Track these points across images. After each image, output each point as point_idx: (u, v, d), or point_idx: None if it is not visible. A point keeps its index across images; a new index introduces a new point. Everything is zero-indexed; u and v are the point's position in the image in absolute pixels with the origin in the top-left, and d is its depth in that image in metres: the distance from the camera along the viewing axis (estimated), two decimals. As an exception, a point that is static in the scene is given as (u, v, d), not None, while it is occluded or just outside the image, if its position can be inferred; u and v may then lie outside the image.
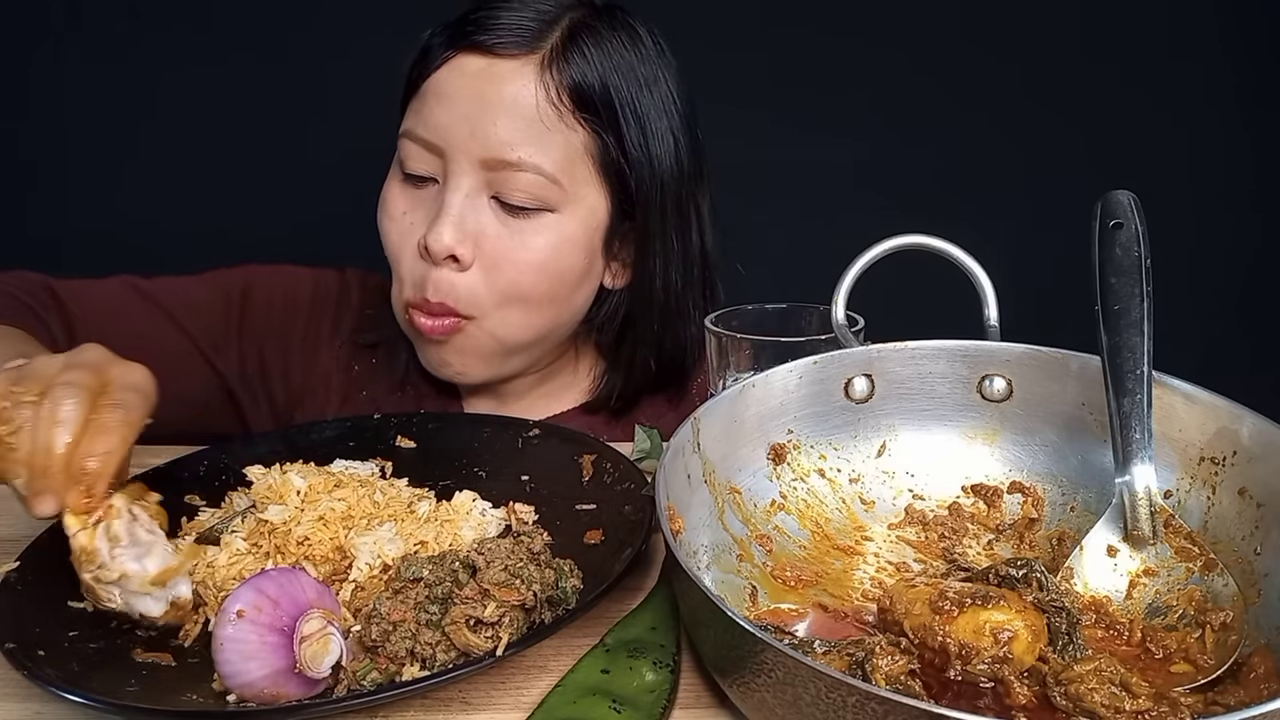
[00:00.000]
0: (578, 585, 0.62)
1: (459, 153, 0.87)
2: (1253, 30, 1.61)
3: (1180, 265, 1.17)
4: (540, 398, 1.04)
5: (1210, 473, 0.63)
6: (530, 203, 0.88)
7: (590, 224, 0.91)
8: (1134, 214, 0.65)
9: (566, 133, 0.88)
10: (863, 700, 0.43)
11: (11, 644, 0.56)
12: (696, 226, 0.97)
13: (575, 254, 0.91)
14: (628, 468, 0.76)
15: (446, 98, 0.88)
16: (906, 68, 1.56)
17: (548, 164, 0.87)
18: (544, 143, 0.87)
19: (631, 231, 0.94)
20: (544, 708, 0.55)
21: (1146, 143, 1.57)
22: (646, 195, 0.91)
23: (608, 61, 0.89)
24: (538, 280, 0.90)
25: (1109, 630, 0.59)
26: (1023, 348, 0.69)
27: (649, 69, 0.91)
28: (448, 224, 0.87)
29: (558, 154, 0.87)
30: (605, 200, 0.91)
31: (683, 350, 1.00)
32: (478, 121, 0.86)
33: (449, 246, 0.87)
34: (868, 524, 0.70)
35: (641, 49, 0.92)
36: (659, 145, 0.91)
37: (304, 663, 0.54)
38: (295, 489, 0.71)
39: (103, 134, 1.51)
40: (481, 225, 0.88)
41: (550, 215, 0.89)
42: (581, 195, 0.90)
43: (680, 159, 0.93)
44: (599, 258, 0.94)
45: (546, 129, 0.87)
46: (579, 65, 0.88)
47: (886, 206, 1.54)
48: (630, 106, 0.90)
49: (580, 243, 0.91)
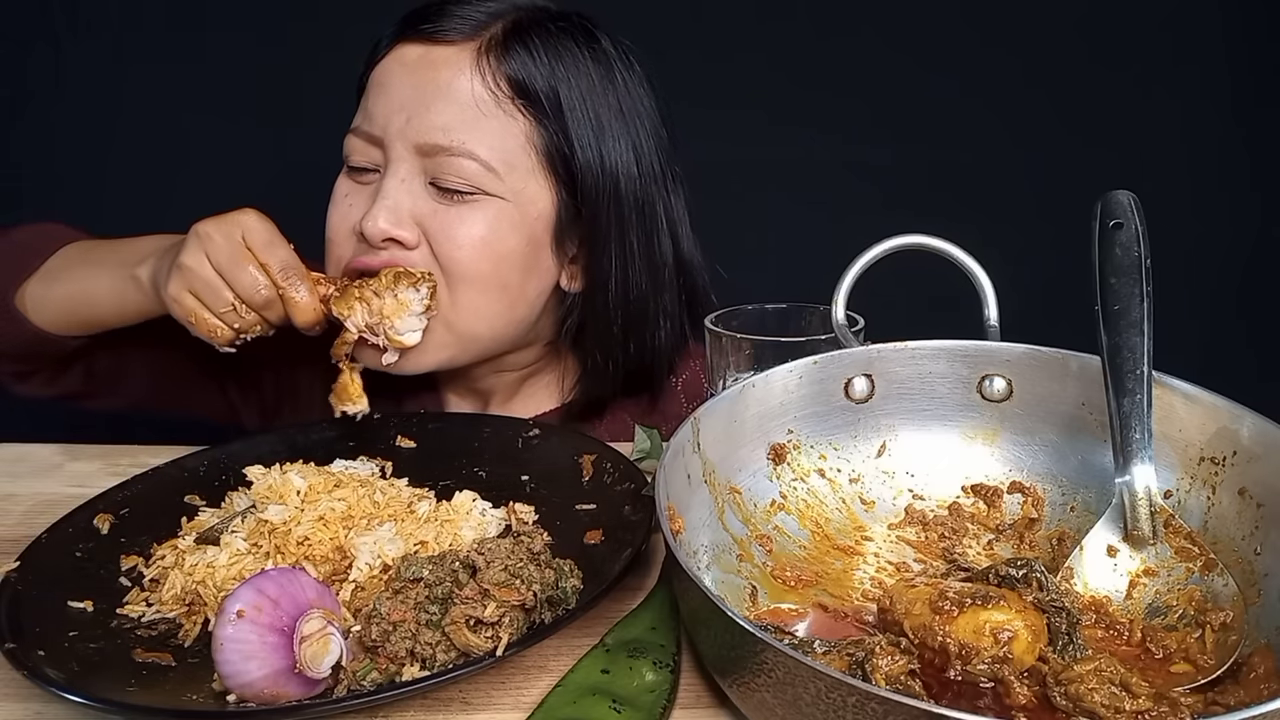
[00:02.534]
0: (578, 585, 0.62)
1: (396, 140, 0.87)
2: (1254, 31, 1.61)
3: (1180, 265, 1.18)
4: (521, 399, 1.04)
5: (1210, 473, 0.63)
6: (466, 187, 0.87)
7: (530, 213, 0.90)
8: (1134, 214, 0.65)
9: (505, 120, 0.87)
10: (863, 700, 0.43)
11: (11, 644, 0.56)
12: (667, 231, 0.96)
13: (514, 236, 0.89)
14: (628, 468, 0.76)
15: (385, 87, 0.89)
16: (907, 68, 1.56)
17: (483, 151, 0.86)
18: (480, 129, 0.86)
19: (584, 232, 0.93)
20: (544, 708, 0.55)
21: (1146, 143, 1.57)
22: (595, 194, 0.90)
23: (555, 59, 0.89)
24: (479, 259, 0.88)
25: (1109, 630, 0.59)
26: (1023, 348, 0.69)
27: (605, 72, 0.91)
28: (383, 208, 0.86)
29: (494, 141, 0.87)
30: (550, 194, 0.90)
31: (650, 356, 0.98)
32: (414, 108, 0.87)
33: (384, 230, 0.86)
34: (868, 524, 0.70)
35: (597, 53, 0.91)
36: (613, 145, 0.90)
37: (304, 663, 0.54)
38: (295, 489, 0.71)
39: (103, 134, 1.50)
40: (418, 208, 0.88)
41: (487, 198, 0.88)
42: (522, 185, 0.89)
43: (641, 161, 0.92)
44: (546, 251, 0.92)
45: (483, 115, 0.87)
46: (520, 56, 0.87)
47: (886, 206, 1.54)
48: (581, 105, 0.89)
49: (519, 226, 0.89)
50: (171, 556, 0.68)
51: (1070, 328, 0.69)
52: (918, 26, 1.55)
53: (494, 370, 1.00)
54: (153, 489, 0.76)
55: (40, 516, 0.75)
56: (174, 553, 0.68)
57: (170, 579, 0.65)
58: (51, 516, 0.72)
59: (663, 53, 0.99)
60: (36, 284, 0.91)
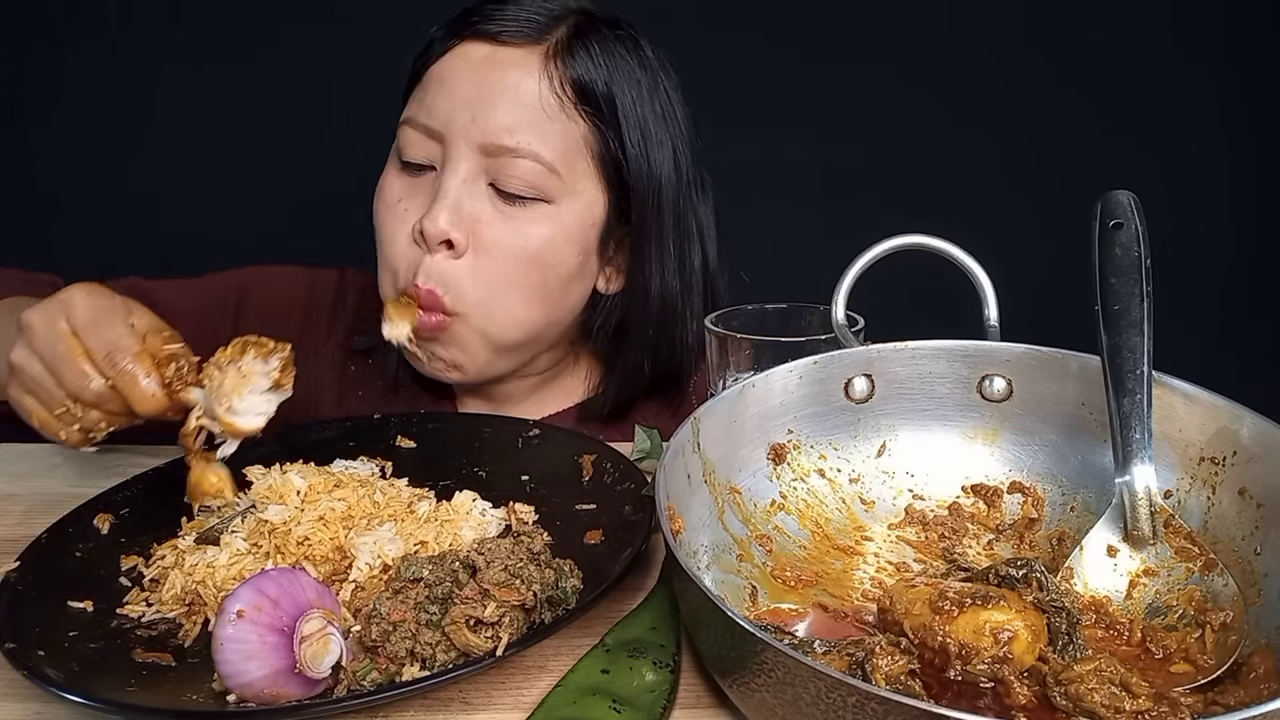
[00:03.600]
0: (578, 585, 0.62)
1: (458, 138, 0.87)
2: (1255, 30, 1.61)
3: (1180, 265, 1.18)
4: (536, 401, 1.04)
5: (1210, 473, 0.63)
6: (527, 191, 0.88)
7: (586, 219, 0.91)
8: (1134, 214, 0.65)
9: (567, 123, 0.88)
10: (863, 700, 0.43)
11: (11, 644, 0.56)
12: (697, 237, 0.97)
13: (569, 248, 0.91)
14: (628, 468, 0.76)
15: (449, 83, 0.88)
16: (907, 68, 1.56)
17: (546, 152, 0.87)
18: (544, 131, 0.87)
19: (627, 235, 0.94)
20: (544, 708, 0.55)
21: (1147, 142, 1.57)
22: (644, 197, 0.92)
23: (611, 63, 0.90)
24: (529, 271, 0.89)
25: (1109, 630, 0.59)
26: (1023, 348, 0.69)
27: (650, 78, 0.92)
28: (444, 208, 0.86)
29: (557, 143, 0.88)
30: (603, 198, 0.92)
31: (679, 357, 0.99)
32: (479, 106, 0.87)
33: (444, 230, 0.86)
34: (868, 524, 0.70)
35: (643, 58, 0.93)
36: (658, 151, 0.92)
37: (304, 663, 0.54)
38: (295, 489, 0.71)
39: (101, 135, 1.51)
40: (478, 211, 0.88)
41: (546, 206, 0.89)
42: (579, 189, 0.90)
43: (679, 167, 0.94)
44: (593, 257, 0.94)
45: (547, 118, 0.87)
46: (583, 60, 0.89)
47: (886, 206, 1.54)
48: (631, 109, 0.90)
49: (575, 237, 0.91)
50: (171, 556, 0.67)
51: (1070, 328, 0.69)
52: (918, 26, 1.56)
53: (517, 375, 1.01)
54: (153, 489, 0.76)
55: (40, 516, 0.75)
56: (174, 553, 0.68)
57: (170, 579, 0.65)
58: (51, 516, 0.72)
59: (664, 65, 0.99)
60: None
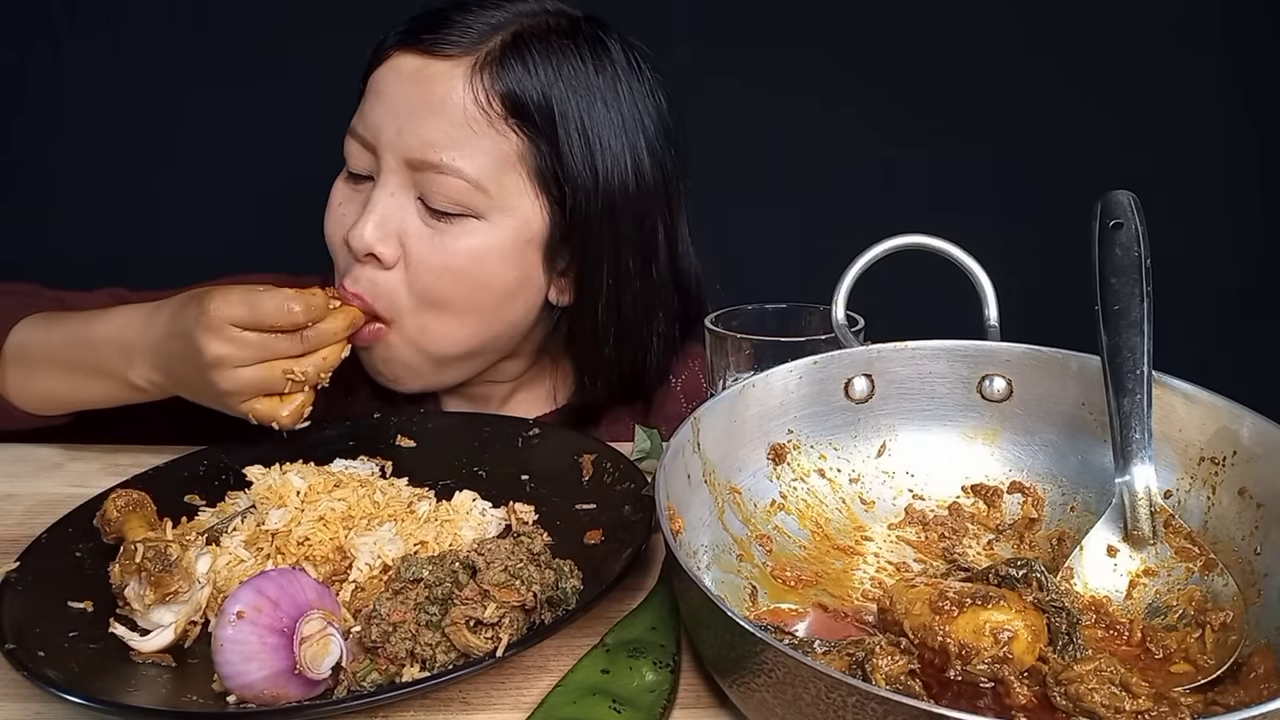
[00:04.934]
0: (578, 585, 0.62)
1: (387, 150, 0.86)
2: (1256, 29, 1.61)
3: (1180, 265, 1.17)
4: (515, 405, 1.03)
5: (1210, 473, 0.63)
6: (453, 208, 0.85)
7: (522, 234, 0.88)
8: (1134, 214, 0.65)
9: (496, 139, 0.85)
10: (863, 700, 0.43)
11: (11, 644, 0.56)
12: (664, 246, 0.94)
13: (502, 264, 0.88)
14: (628, 468, 0.76)
15: (382, 95, 0.87)
16: (907, 67, 1.56)
17: (471, 169, 0.84)
18: (469, 147, 0.84)
19: (581, 246, 0.91)
20: (544, 708, 0.55)
21: (1147, 143, 1.57)
22: (586, 211, 0.88)
23: (553, 71, 0.86)
24: (456, 287, 0.87)
25: (1109, 630, 0.59)
26: (1023, 348, 0.69)
27: (608, 83, 0.88)
28: (370, 221, 0.85)
29: (484, 159, 0.85)
30: (542, 212, 0.88)
31: (641, 369, 0.97)
32: (406, 120, 0.85)
33: (369, 244, 0.85)
34: (868, 524, 0.70)
35: (603, 63, 0.89)
36: (608, 161, 0.88)
37: (304, 664, 0.54)
38: (295, 489, 0.71)
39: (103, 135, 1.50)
40: (405, 225, 0.86)
41: (475, 221, 0.86)
42: (512, 205, 0.87)
43: (641, 177, 0.89)
44: (537, 270, 0.90)
45: (474, 133, 0.84)
46: (516, 72, 0.85)
47: (887, 206, 1.54)
48: (575, 119, 0.86)
49: (509, 253, 0.88)
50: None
51: (1070, 328, 0.69)
52: (918, 26, 1.55)
53: (487, 380, 1.00)
54: (153, 489, 0.76)
55: (40, 516, 0.75)
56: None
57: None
58: (51, 516, 0.72)
59: (658, 50, 0.98)
60: (14, 371, 0.86)
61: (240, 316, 0.75)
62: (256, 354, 0.76)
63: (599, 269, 0.91)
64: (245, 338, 0.75)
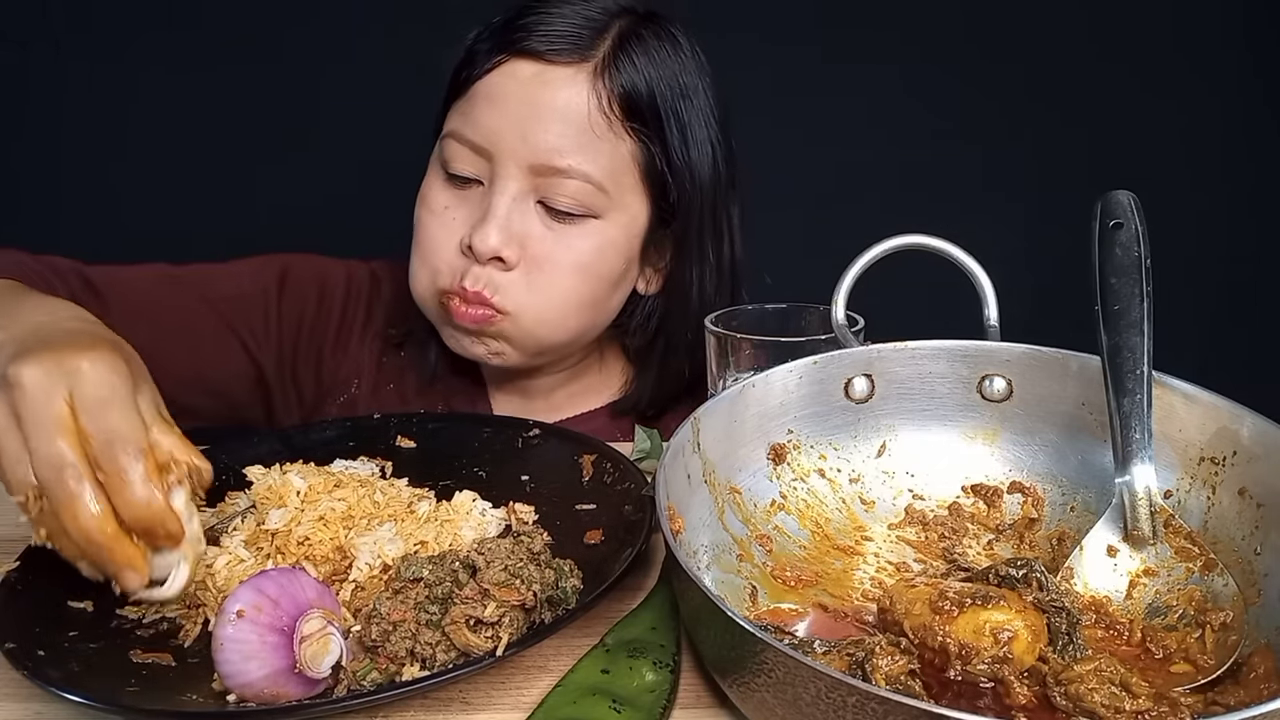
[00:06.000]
0: (578, 585, 0.62)
1: (507, 157, 0.88)
2: (1256, 30, 1.61)
3: (1180, 265, 1.17)
4: (567, 397, 1.05)
5: (1210, 473, 0.63)
6: (576, 209, 0.89)
7: (631, 230, 0.92)
8: (1134, 214, 0.65)
9: (615, 141, 0.89)
10: (863, 700, 0.43)
11: (11, 644, 0.56)
12: (728, 236, 0.98)
13: (616, 258, 0.92)
14: (628, 468, 0.76)
15: (497, 101, 0.88)
16: (907, 67, 1.56)
17: (595, 172, 0.88)
18: (593, 151, 0.88)
19: (668, 238, 0.95)
20: (544, 708, 0.55)
21: (1147, 143, 1.57)
22: (687, 203, 0.93)
23: (654, 69, 0.90)
24: (580, 282, 0.91)
25: (1109, 630, 0.59)
26: (1023, 348, 0.69)
27: (689, 77, 0.92)
28: (494, 226, 0.87)
29: (605, 162, 0.88)
30: (646, 207, 0.93)
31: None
32: (529, 127, 0.87)
33: (495, 248, 0.87)
34: (868, 524, 0.70)
35: (682, 56, 0.93)
36: (699, 153, 0.92)
37: (304, 663, 0.54)
38: (295, 489, 0.71)
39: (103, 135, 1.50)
40: (527, 228, 0.89)
41: (594, 221, 0.90)
42: (625, 203, 0.91)
43: (718, 167, 0.94)
44: (635, 263, 0.95)
45: (596, 137, 0.88)
46: (629, 73, 0.88)
47: (886, 206, 1.54)
48: (674, 114, 0.91)
49: (621, 248, 0.92)
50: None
51: (1070, 328, 0.69)
52: (917, 26, 1.55)
53: (547, 371, 1.02)
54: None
55: (40, 516, 0.75)
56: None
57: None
58: (51, 516, 0.72)
59: (700, 59, 0.98)
60: None
61: (29, 418, 0.53)
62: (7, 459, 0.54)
63: (689, 257, 0.95)
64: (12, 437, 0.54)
